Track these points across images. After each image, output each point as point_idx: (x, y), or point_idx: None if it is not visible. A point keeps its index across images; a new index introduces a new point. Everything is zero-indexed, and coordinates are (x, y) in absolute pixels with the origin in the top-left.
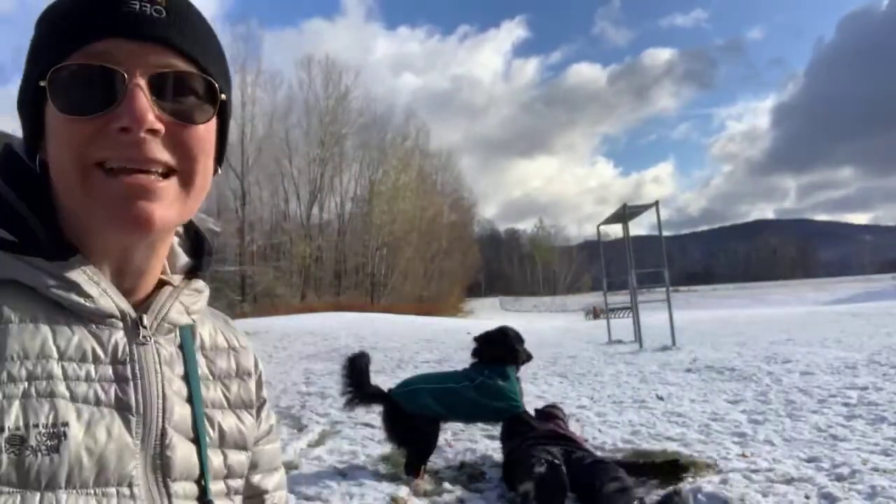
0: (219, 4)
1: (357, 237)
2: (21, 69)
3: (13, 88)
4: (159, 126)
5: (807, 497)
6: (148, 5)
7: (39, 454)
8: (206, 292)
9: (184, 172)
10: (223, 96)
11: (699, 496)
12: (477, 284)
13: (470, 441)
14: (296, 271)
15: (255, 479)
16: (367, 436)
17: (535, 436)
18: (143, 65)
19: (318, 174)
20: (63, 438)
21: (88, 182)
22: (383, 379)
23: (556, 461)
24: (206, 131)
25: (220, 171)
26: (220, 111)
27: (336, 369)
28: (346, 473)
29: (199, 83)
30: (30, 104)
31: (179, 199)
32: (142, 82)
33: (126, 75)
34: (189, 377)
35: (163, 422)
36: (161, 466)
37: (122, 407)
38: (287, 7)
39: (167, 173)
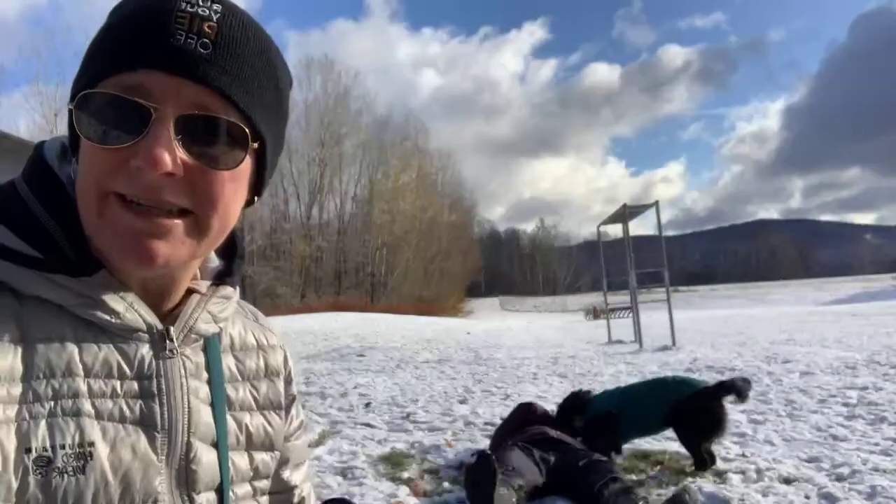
0: (245, 6)
1: (357, 237)
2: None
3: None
4: (175, 170)
5: (807, 497)
6: (194, 38)
7: (66, 475)
8: (236, 297)
9: (199, 216)
10: (255, 144)
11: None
12: (477, 284)
13: (470, 441)
14: (296, 271)
15: (285, 474)
16: (367, 436)
17: (523, 439)
18: (175, 102)
19: (318, 174)
20: (89, 459)
21: (104, 211)
22: (383, 378)
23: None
24: (232, 175)
25: (256, 202)
26: (260, 149)
27: (336, 369)
28: (346, 473)
29: (231, 128)
30: (70, 114)
31: (191, 239)
32: (169, 121)
33: (153, 112)
34: (212, 383)
35: (188, 436)
36: (186, 481)
37: (147, 423)
38: (313, 8)
39: (184, 211)
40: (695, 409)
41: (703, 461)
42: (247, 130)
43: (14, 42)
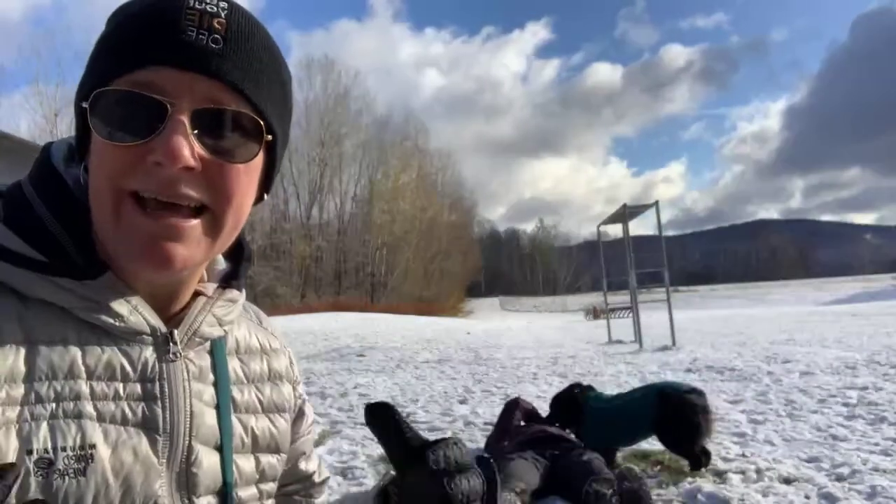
0: (248, 6)
1: (357, 237)
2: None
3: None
4: (194, 164)
5: (807, 497)
6: (205, 35)
7: (67, 477)
8: (241, 301)
9: (216, 211)
10: (269, 137)
11: (699, 496)
12: (477, 284)
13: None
14: (296, 271)
15: (302, 465)
16: (367, 436)
17: (522, 440)
18: (189, 97)
19: (318, 174)
20: (90, 461)
21: (120, 211)
22: (383, 378)
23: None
24: (247, 169)
25: (265, 198)
26: (270, 145)
27: (336, 369)
28: (346, 473)
29: (245, 121)
30: (80, 114)
31: (207, 238)
32: (184, 116)
33: (170, 107)
34: (218, 386)
35: (189, 439)
36: (187, 484)
37: (148, 426)
38: (316, 9)
39: (199, 208)
40: (672, 419)
41: (698, 460)
42: (261, 123)
43: (14, 42)
